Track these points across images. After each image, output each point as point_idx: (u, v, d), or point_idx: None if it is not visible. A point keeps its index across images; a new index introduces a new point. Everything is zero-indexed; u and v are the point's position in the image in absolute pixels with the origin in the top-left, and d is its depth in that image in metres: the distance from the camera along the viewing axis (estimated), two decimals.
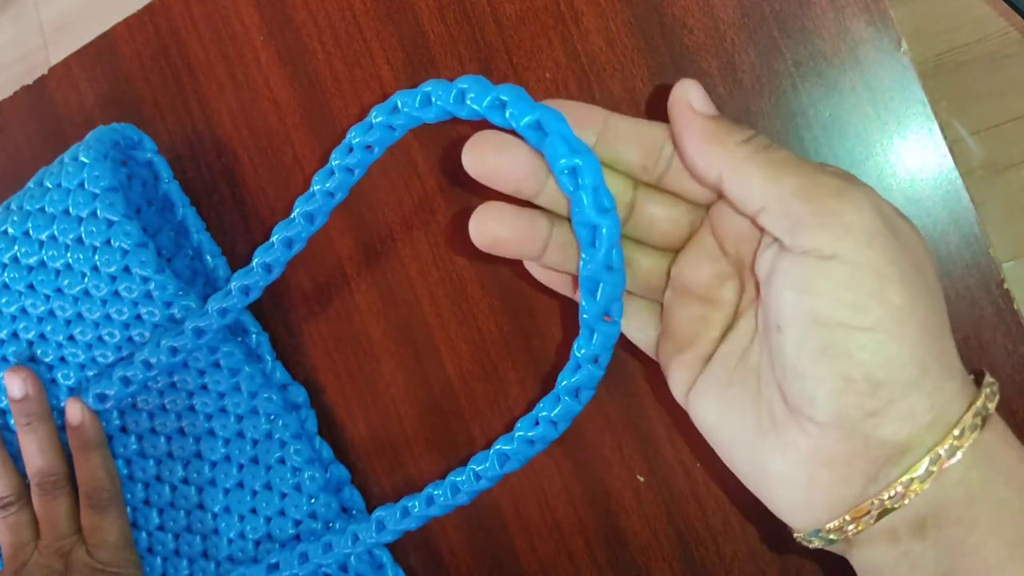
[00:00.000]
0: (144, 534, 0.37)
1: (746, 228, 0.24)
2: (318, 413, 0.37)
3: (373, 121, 0.27)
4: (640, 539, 0.34)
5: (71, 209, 0.34)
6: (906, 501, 0.20)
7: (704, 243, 0.25)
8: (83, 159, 0.34)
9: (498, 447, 0.29)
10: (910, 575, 0.20)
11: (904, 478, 0.20)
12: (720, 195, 0.23)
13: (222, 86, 0.38)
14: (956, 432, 0.19)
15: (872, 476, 0.20)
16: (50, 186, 0.35)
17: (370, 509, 0.37)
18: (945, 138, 0.30)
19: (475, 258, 0.35)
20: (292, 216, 0.31)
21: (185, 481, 0.37)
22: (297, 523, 0.36)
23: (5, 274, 0.35)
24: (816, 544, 0.22)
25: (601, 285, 0.24)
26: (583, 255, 0.24)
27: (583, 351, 0.25)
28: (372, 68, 0.35)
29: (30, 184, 0.36)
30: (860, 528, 0.20)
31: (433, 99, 0.25)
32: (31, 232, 0.35)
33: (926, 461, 0.19)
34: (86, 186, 0.34)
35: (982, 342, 0.30)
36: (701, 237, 0.25)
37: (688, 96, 0.22)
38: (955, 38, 0.87)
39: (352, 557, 0.34)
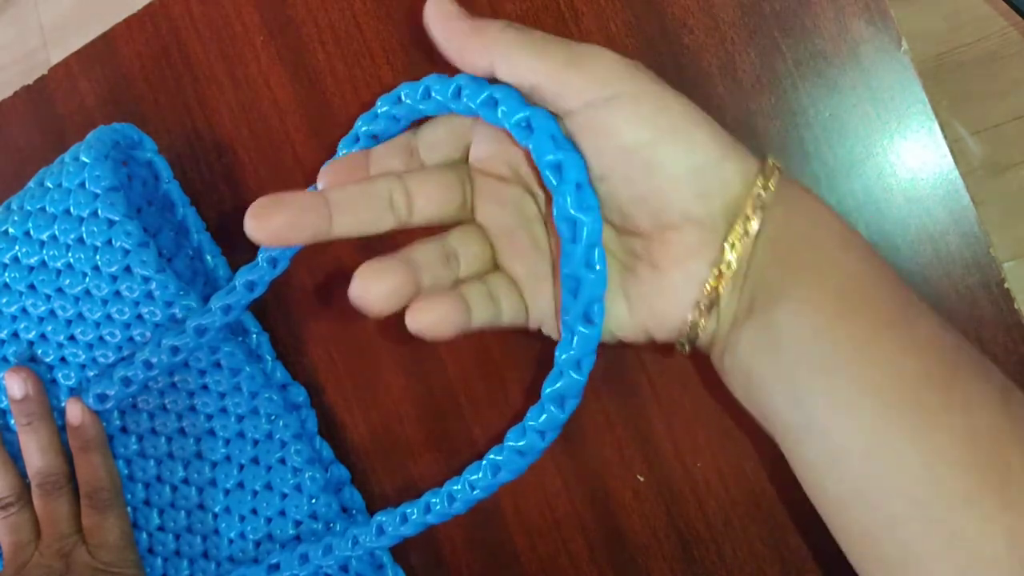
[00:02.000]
0: (145, 534, 0.37)
1: (505, 149, 0.26)
2: (318, 413, 0.37)
3: (379, 111, 0.27)
4: (640, 539, 0.34)
5: (72, 209, 0.34)
6: (749, 236, 0.23)
7: (484, 194, 0.27)
8: (84, 159, 0.34)
9: (491, 457, 0.28)
10: (747, 351, 0.23)
11: (737, 225, 0.23)
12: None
13: (222, 86, 0.38)
14: (760, 180, 0.23)
15: (720, 240, 0.23)
16: (51, 186, 0.35)
17: (371, 509, 0.37)
18: (945, 138, 0.30)
19: None
20: None
21: (186, 481, 0.37)
22: (297, 523, 0.36)
23: (6, 274, 0.35)
24: (693, 332, 0.24)
25: (581, 283, 0.24)
26: (563, 251, 0.24)
27: (564, 355, 0.25)
28: (372, 68, 0.35)
29: (31, 184, 0.36)
30: (713, 284, 0.23)
31: (432, 93, 0.25)
32: (32, 232, 0.35)
33: (753, 200, 0.23)
34: (87, 186, 0.34)
35: (982, 341, 0.30)
36: (480, 192, 0.27)
37: (444, 9, 0.24)
38: (955, 38, 0.87)
39: (353, 558, 0.34)
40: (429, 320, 0.25)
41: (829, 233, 0.23)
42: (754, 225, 0.23)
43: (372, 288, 0.25)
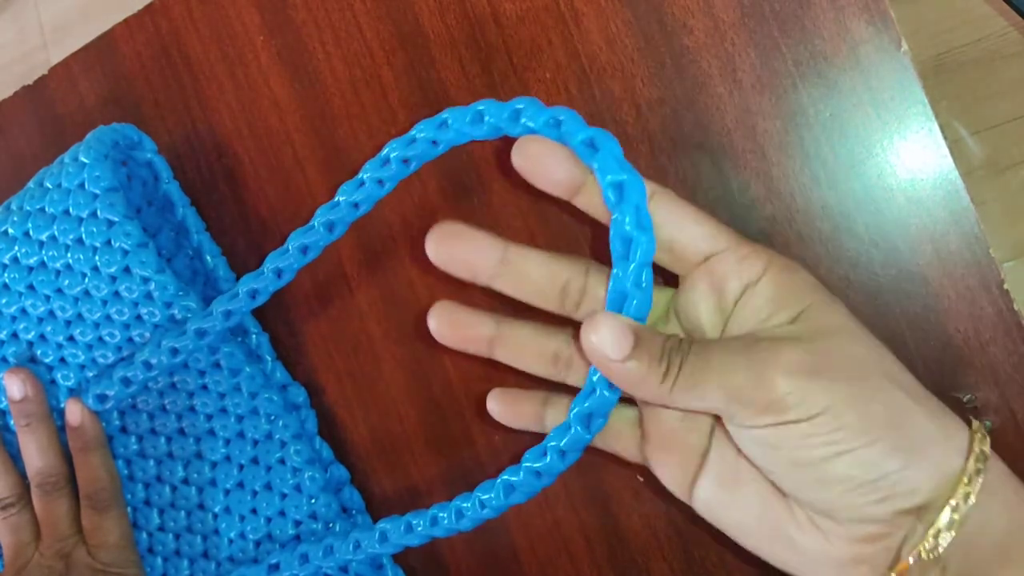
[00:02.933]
0: (145, 534, 0.37)
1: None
2: (318, 413, 0.37)
3: (417, 136, 0.27)
4: (640, 539, 0.34)
5: (71, 209, 0.34)
6: (940, 551, 0.22)
7: None
8: (83, 159, 0.34)
9: (504, 477, 0.28)
10: None
11: (932, 531, 0.22)
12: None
13: (222, 86, 0.38)
14: (964, 483, 0.22)
15: (903, 540, 0.22)
16: (50, 186, 0.35)
17: (370, 509, 0.37)
18: (945, 138, 0.30)
19: None
20: (312, 224, 0.31)
21: (185, 481, 0.37)
22: (297, 523, 0.36)
23: (5, 274, 0.35)
24: None
25: (627, 301, 0.24)
26: (615, 269, 0.24)
27: (598, 375, 0.24)
28: (372, 68, 0.35)
29: (30, 184, 0.36)
30: None
31: (486, 117, 0.25)
32: (31, 232, 0.35)
33: (947, 513, 0.22)
34: (86, 186, 0.34)
35: (982, 342, 0.30)
36: None
37: (604, 348, 0.23)
38: (955, 38, 0.87)
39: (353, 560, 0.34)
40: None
41: None
42: (934, 543, 0.22)
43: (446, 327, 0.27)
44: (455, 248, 0.26)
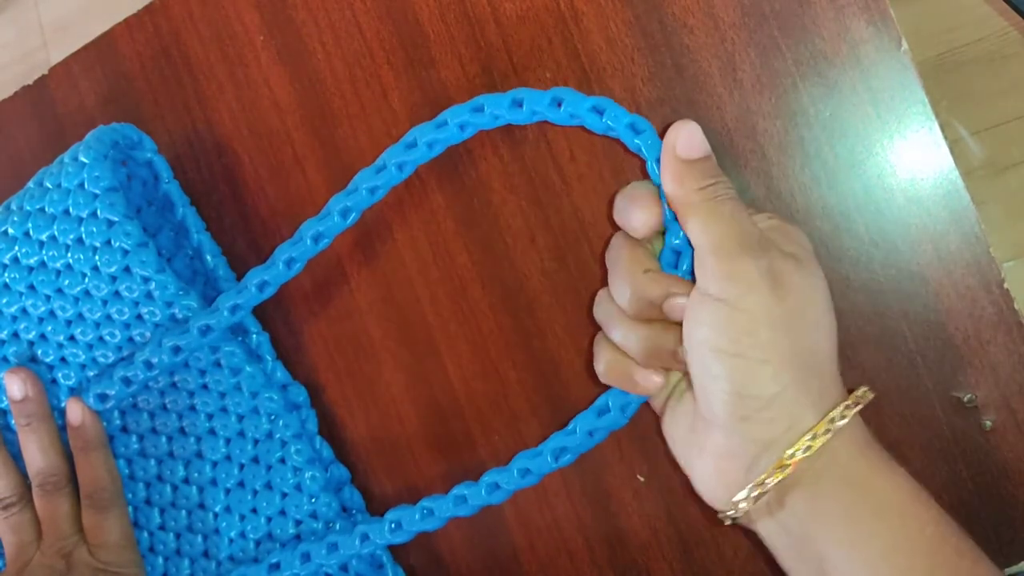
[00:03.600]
0: (145, 533, 0.37)
1: None
2: (318, 413, 0.37)
3: (448, 120, 0.28)
4: (640, 539, 0.34)
5: (71, 209, 0.34)
6: (768, 485, 0.25)
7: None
8: (83, 159, 0.34)
9: (551, 444, 0.30)
10: (781, 540, 0.26)
11: (766, 472, 0.25)
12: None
13: (222, 86, 0.38)
14: (808, 437, 0.25)
15: (748, 467, 0.26)
16: (50, 186, 0.35)
17: (370, 509, 0.37)
18: (945, 138, 0.30)
19: (476, 258, 0.35)
20: (327, 211, 0.30)
21: (186, 481, 0.37)
22: (298, 523, 0.36)
23: (5, 274, 0.35)
24: (727, 520, 0.27)
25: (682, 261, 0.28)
26: (669, 234, 0.28)
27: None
28: (372, 68, 0.35)
29: (30, 184, 0.36)
30: (746, 506, 0.26)
31: (525, 104, 0.28)
32: (31, 232, 0.35)
33: (784, 456, 0.25)
34: (86, 186, 0.34)
35: (982, 342, 0.30)
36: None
37: (675, 140, 0.27)
38: (955, 38, 0.87)
39: (353, 557, 0.34)
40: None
41: (864, 509, 0.25)
42: (769, 483, 0.25)
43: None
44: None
